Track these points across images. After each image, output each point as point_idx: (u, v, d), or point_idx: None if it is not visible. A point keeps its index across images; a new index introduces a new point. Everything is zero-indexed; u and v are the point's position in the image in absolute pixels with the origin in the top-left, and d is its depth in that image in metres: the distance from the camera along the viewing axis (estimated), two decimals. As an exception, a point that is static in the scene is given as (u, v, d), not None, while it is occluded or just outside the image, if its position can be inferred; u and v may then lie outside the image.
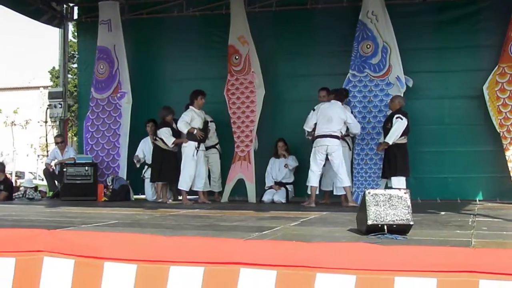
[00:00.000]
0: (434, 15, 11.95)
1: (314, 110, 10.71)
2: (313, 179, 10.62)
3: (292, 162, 11.74)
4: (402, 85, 11.08)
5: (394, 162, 10.62)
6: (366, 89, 11.36)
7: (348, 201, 10.45)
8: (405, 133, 10.55)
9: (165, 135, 11.43)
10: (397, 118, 10.52)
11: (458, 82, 11.62)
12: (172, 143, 11.40)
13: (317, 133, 10.56)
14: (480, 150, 11.45)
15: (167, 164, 11.50)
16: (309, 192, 10.81)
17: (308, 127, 10.74)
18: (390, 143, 10.54)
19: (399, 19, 11.51)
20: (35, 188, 12.90)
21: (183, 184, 11.21)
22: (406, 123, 10.50)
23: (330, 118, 10.51)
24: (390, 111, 10.85)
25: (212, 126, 12.10)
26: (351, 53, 11.50)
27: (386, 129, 10.70)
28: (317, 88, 11.07)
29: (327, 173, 10.98)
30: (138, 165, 12.37)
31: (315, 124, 10.61)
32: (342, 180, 10.51)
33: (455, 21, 11.73)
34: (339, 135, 10.61)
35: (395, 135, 10.50)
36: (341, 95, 10.91)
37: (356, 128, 10.92)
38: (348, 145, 11.21)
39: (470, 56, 11.60)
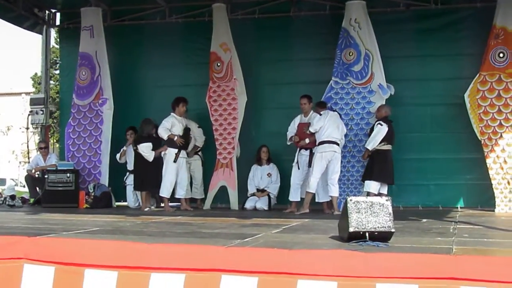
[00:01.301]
0: (416, 23, 12.01)
1: (321, 115, 10.69)
2: (315, 186, 10.60)
3: (275, 177, 11.74)
4: (384, 93, 11.11)
5: (370, 167, 10.79)
6: (349, 96, 11.40)
7: (334, 209, 10.42)
8: (386, 139, 10.64)
9: (146, 151, 11.28)
10: (377, 124, 10.66)
11: (439, 90, 11.67)
12: (153, 158, 11.29)
13: (325, 138, 10.53)
14: (461, 157, 11.49)
15: (149, 173, 11.36)
16: (291, 199, 10.93)
17: (313, 129, 10.61)
18: (369, 148, 10.69)
19: (381, 26, 11.58)
20: (13, 197, 12.71)
21: (164, 191, 11.15)
22: (386, 129, 10.59)
23: (338, 126, 10.68)
24: (375, 119, 10.92)
25: (200, 131, 12.12)
26: (334, 60, 11.53)
27: (370, 137, 10.82)
28: (299, 96, 11.06)
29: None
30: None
31: (318, 128, 10.58)
32: (335, 189, 10.58)
33: (437, 30, 11.81)
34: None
35: (373, 141, 10.63)
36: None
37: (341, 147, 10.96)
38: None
39: (451, 64, 11.65)
